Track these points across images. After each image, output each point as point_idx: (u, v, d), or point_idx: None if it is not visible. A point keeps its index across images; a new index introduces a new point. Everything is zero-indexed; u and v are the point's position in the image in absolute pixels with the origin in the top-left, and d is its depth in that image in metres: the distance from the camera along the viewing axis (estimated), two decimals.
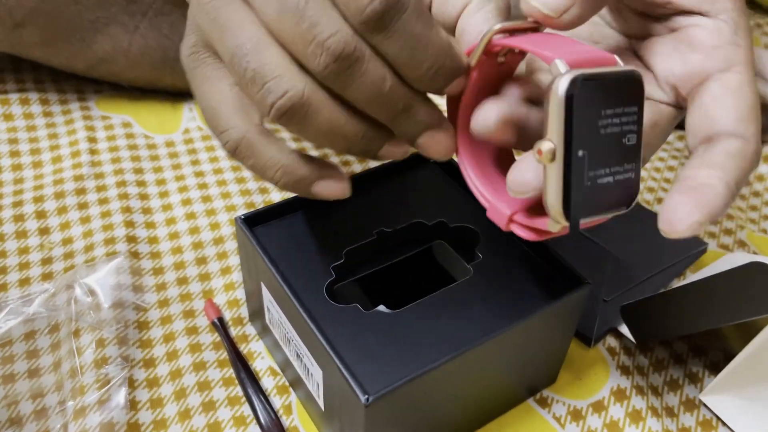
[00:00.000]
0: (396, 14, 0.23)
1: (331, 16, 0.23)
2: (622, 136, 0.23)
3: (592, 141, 0.23)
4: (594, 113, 0.22)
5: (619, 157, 0.24)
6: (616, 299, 0.40)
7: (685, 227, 0.23)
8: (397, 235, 0.35)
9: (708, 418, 0.36)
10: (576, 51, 0.23)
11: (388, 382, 0.27)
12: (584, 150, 0.23)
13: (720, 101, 0.26)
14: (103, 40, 0.49)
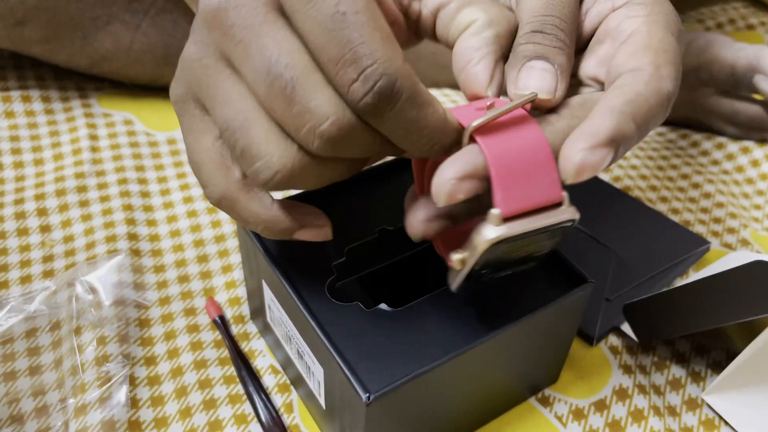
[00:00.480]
0: (390, 105, 0.22)
1: (321, 97, 0.23)
2: (534, 252, 0.26)
3: (499, 263, 0.26)
4: (508, 253, 0.25)
5: (525, 262, 0.27)
6: (619, 298, 0.40)
7: (575, 159, 0.22)
8: (399, 233, 0.35)
9: (710, 417, 0.36)
10: (527, 194, 0.23)
11: (390, 380, 0.27)
12: (488, 269, 0.26)
13: (617, 50, 0.26)
14: (104, 38, 0.49)
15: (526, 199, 0.23)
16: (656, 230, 0.45)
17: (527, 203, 0.23)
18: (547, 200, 0.23)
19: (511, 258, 0.26)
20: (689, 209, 0.49)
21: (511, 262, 0.26)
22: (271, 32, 0.23)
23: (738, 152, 0.53)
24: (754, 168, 0.52)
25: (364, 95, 0.22)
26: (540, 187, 0.23)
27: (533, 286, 0.32)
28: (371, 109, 0.22)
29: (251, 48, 0.23)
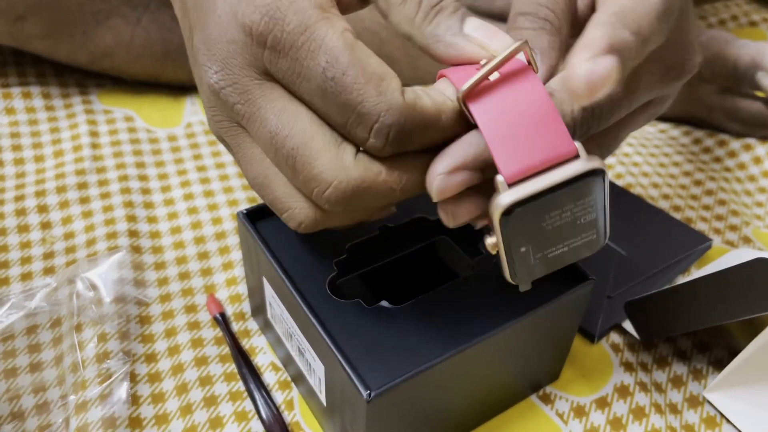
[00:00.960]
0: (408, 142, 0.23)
1: (322, 164, 0.23)
2: (576, 220, 0.23)
3: (537, 237, 0.23)
4: (536, 221, 0.23)
5: (573, 233, 0.24)
6: (621, 295, 0.40)
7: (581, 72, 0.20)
8: (399, 230, 0.35)
9: (712, 415, 0.36)
10: (531, 152, 0.22)
11: (391, 377, 0.27)
12: (527, 246, 0.23)
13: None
14: (104, 33, 0.49)
15: (530, 157, 0.22)
16: (658, 227, 0.45)
17: (533, 161, 0.22)
18: (556, 155, 0.22)
19: (548, 229, 0.23)
20: (691, 206, 0.49)
21: (554, 235, 0.24)
22: (270, 104, 0.24)
23: (740, 149, 0.53)
24: (757, 165, 0.52)
25: (382, 148, 0.23)
26: (545, 142, 0.22)
27: (534, 283, 0.31)
28: (394, 151, 0.23)
29: (253, 123, 0.25)
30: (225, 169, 0.49)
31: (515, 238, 0.23)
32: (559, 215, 0.23)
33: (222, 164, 0.49)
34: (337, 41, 0.22)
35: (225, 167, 0.49)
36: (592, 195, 0.23)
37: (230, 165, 0.49)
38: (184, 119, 0.53)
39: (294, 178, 0.25)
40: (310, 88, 0.23)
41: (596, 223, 0.24)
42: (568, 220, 0.23)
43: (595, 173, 0.22)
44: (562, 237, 0.24)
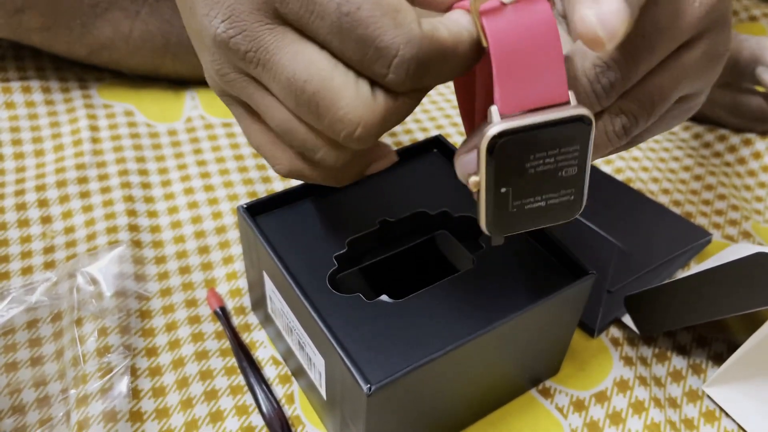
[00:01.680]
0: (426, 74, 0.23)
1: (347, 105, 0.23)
2: (557, 171, 0.24)
3: (518, 179, 0.24)
4: (519, 159, 0.23)
5: (553, 187, 0.24)
6: (620, 290, 0.40)
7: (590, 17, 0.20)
8: (400, 224, 0.35)
9: (711, 409, 0.36)
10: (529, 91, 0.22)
11: (391, 371, 0.27)
12: (507, 187, 0.24)
13: None
14: (103, 26, 0.49)
15: (527, 95, 0.22)
16: (658, 222, 0.45)
17: (528, 100, 0.23)
18: (551, 97, 0.23)
19: (531, 173, 0.24)
20: (691, 201, 0.49)
21: (534, 181, 0.24)
22: (283, 49, 0.23)
23: (740, 144, 0.53)
24: (756, 160, 0.52)
25: (402, 83, 0.22)
26: (544, 83, 0.22)
27: (534, 278, 0.32)
28: (413, 86, 0.23)
29: (268, 71, 0.24)
30: (225, 163, 0.49)
31: (498, 173, 0.24)
32: (543, 159, 0.24)
33: (222, 159, 0.49)
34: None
35: (225, 162, 0.49)
36: (576, 144, 0.23)
37: (230, 159, 0.49)
38: (184, 114, 0.53)
39: (318, 122, 0.24)
40: (324, 27, 0.22)
41: (576, 181, 0.25)
42: (550, 167, 0.24)
43: (583, 120, 0.23)
44: (542, 187, 0.25)
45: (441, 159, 0.38)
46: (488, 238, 0.31)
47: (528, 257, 0.33)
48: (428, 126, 0.54)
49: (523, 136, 0.23)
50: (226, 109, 0.54)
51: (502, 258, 0.32)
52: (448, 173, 0.37)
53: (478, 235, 0.34)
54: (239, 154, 0.50)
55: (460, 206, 0.35)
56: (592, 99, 0.24)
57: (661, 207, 0.46)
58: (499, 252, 0.33)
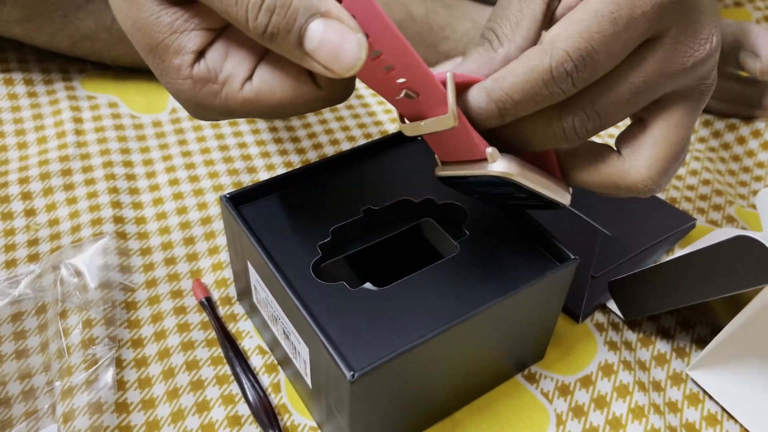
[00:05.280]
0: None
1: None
2: (511, 194, 0.29)
3: (480, 196, 0.31)
4: (467, 188, 0.30)
5: (517, 200, 0.30)
6: (605, 275, 0.40)
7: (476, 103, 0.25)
8: (384, 212, 0.35)
9: (695, 392, 0.36)
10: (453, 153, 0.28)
11: (374, 358, 0.27)
12: (480, 194, 0.31)
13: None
14: (85, 17, 0.48)
15: (455, 154, 0.28)
16: (642, 208, 0.45)
17: (456, 157, 0.28)
18: (472, 156, 0.27)
19: (489, 193, 0.30)
20: (675, 186, 0.49)
21: (498, 197, 0.30)
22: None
23: (724, 129, 0.54)
24: (740, 145, 0.52)
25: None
26: (463, 148, 0.27)
27: (518, 264, 0.32)
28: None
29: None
30: (210, 154, 0.49)
31: (461, 190, 0.31)
32: (487, 189, 0.29)
33: (207, 149, 0.49)
34: None
35: (210, 152, 0.49)
36: (507, 186, 0.27)
37: (215, 150, 0.49)
38: (168, 105, 0.53)
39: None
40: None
41: (535, 198, 0.28)
42: (501, 193, 0.29)
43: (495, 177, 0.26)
44: (507, 199, 0.30)
45: (425, 147, 0.38)
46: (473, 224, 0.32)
47: (512, 243, 0.33)
48: None
49: (454, 180, 0.29)
50: None
51: (486, 244, 0.33)
52: (432, 161, 0.37)
53: (462, 221, 0.34)
54: (224, 145, 0.49)
55: (444, 194, 0.35)
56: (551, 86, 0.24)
57: None
58: (483, 238, 0.33)
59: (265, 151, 0.49)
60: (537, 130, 0.26)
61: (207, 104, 0.26)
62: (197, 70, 0.25)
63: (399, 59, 0.24)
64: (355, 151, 0.37)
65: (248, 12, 0.23)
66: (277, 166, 0.48)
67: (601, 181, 0.28)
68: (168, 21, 0.25)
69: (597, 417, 0.35)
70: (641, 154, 0.27)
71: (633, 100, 0.26)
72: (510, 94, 0.25)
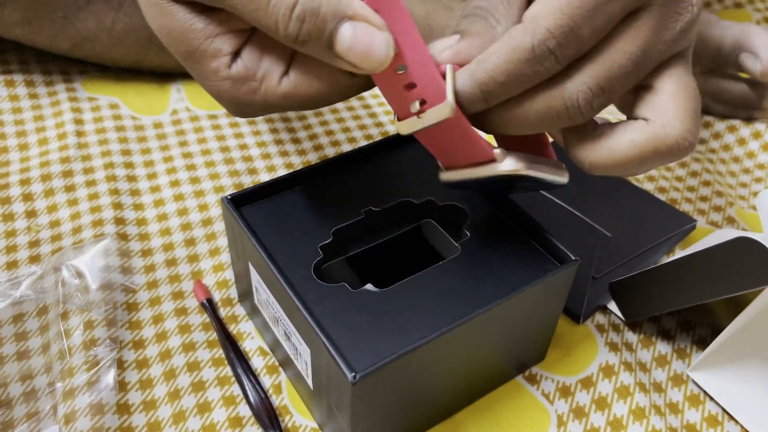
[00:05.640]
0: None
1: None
2: (516, 185, 0.30)
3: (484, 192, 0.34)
4: (478, 187, 0.31)
5: (521, 188, 0.31)
6: (606, 276, 0.40)
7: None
8: (385, 214, 0.35)
9: (696, 393, 0.36)
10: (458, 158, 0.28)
11: (375, 359, 0.27)
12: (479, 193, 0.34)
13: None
14: (86, 18, 0.48)
15: (459, 160, 0.28)
16: (643, 209, 0.45)
17: (461, 162, 0.28)
18: (479, 158, 0.27)
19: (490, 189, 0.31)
20: (676, 188, 0.49)
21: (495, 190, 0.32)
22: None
23: (725, 131, 0.54)
24: (741, 146, 0.52)
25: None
26: (469, 153, 0.27)
27: (519, 265, 0.32)
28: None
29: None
30: (211, 155, 0.49)
31: (468, 189, 0.32)
32: (493, 186, 0.29)
33: (208, 151, 0.49)
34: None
35: (211, 153, 0.49)
36: (516, 181, 0.28)
37: (216, 151, 0.49)
38: (169, 106, 0.53)
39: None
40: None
41: (540, 183, 0.29)
42: (506, 186, 0.29)
43: (504, 177, 0.27)
44: (511, 190, 0.31)
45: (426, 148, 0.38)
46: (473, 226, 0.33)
47: (513, 244, 0.33)
48: None
49: (462, 183, 0.29)
50: (211, 101, 0.53)
51: (487, 246, 0.33)
52: (433, 162, 0.37)
53: (463, 223, 0.34)
54: (225, 146, 0.50)
55: (445, 195, 0.35)
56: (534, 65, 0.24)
57: (647, 194, 0.47)
58: (483, 240, 0.33)
59: (266, 153, 0.49)
60: (540, 111, 0.26)
61: (248, 102, 0.27)
62: (235, 70, 0.26)
63: (411, 52, 0.24)
64: (356, 152, 0.37)
65: (279, 22, 0.24)
66: (278, 167, 0.48)
67: (641, 153, 0.26)
68: (201, 26, 0.26)
69: (598, 418, 0.35)
70: (668, 110, 0.26)
71: (634, 70, 0.25)
72: (493, 76, 0.24)
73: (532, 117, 0.26)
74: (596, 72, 0.25)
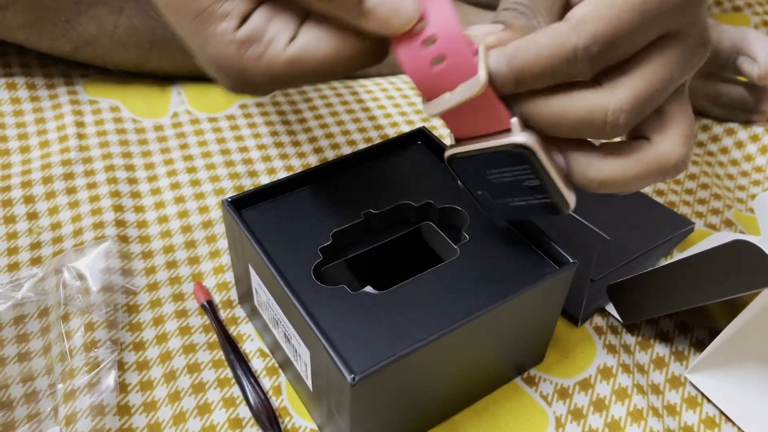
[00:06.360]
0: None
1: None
2: (521, 181, 0.28)
3: (487, 185, 0.30)
4: (477, 172, 0.29)
5: (525, 192, 0.29)
6: (604, 279, 0.40)
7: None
8: (384, 216, 0.35)
9: (693, 395, 0.36)
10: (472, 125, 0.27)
11: (375, 361, 0.27)
12: (482, 190, 0.30)
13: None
14: (87, 22, 0.49)
15: (473, 128, 0.27)
16: (641, 211, 0.45)
17: (475, 131, 0.27)
18: (494, 127, 0.27)
19: (496, 182, 0.29)
20: (674, 191, 0.49)
21: (504, 188, 0.29)
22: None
23: (723, 134, 0.54)
24: (739, 149, 0.53)
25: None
26: (485, 118, 0.26)
27: (518, 267, 0.32)
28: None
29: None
30: (211, 158, 0.49)
31: (465, 180, 0.30)
32: (499, 173, 0.29)
33: (208, 153, 0.49)
34: None
35: (211, 156, 0.49)
36: (524, 164, 0.27)
37: (217, 154, 0.49)
38: (170, 109, 0.53)
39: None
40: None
41: (545, 189, 0.28)
42: (510, 179, 0.28)
43: (517, 146, 0.26)
44: (515, 192, 0.29)
45: (425, 150, 0.38)
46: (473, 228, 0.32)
47: (511, 247, 0.33)
48: (414, 119, 0.54)
49: (468, 157, 0.28)
50: (212, 103, 0.54)
51: (486, 248, 0.33)
52: (432, 165, 0.38)
53: (462, 225, 0.34)
54: (225, 149, 0.50)
55: (444, 197, 0.35)
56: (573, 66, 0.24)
57: (645, 196, 0.47)
58: (482, 242, 0.33)
59: (266, 155, 0.49)
60: (580, 116, 0.26)
61: (250, 68, 0.26)
62: (241, 33, 0.26)
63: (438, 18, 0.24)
64: (355, 155, 0.37)
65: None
66: (278, 169, 0.48)
67: (648, 171, 0.27)
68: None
69: (596, 420, 0.35)
70: (671, 133, 0.27)
71: (663, 94, 0.26)
72: (531, 65, 0.24)
73: (569, 118, 0.26)
74: (637, 91, 0.25)
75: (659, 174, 0.27)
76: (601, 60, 0.24)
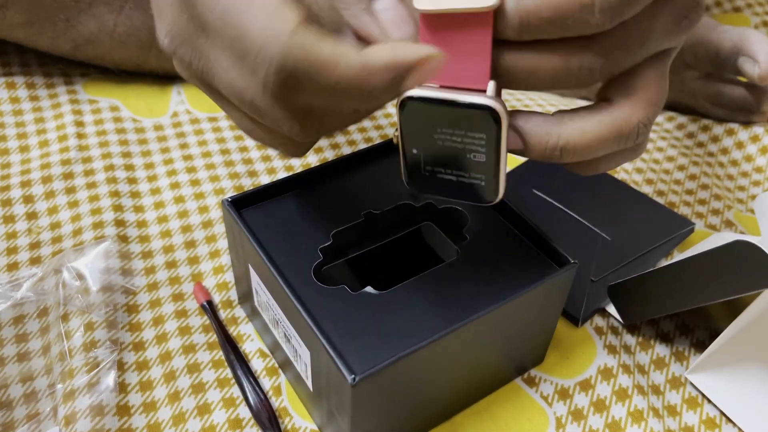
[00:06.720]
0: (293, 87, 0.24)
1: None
2: (466, 152, 0.26)
3: (427, 146, 0.27)
4: (426, 125, 0.26)
5: (463, 166, 0.27)
6: (605, 279, 0.40)
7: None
8: (385, 216, 0.35)
9: (693, 395, 0.36)
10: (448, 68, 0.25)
11: (375, 362, 0.27)
12: (418, 149, 0.27)
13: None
14: (87, 21, 0.49)
15: (447, 72, 0.25)
16: (642, 212, 0.45)
17: (447, 77, 0.25)
18: (468, 82, 0.25)
19: (439, 144, 0.27)
20: (674, 191, 0.49)
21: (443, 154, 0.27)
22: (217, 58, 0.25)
23: (723, 134, 0.54)
24: (739, 150, 0.53)
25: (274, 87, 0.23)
26: (466, 66, 0.25)
27: (518, 268, 0.32)
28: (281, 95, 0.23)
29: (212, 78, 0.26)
30: (211, 158, 0.49)
31: (407, 131, 0.27)
32: (449, 135, 0.26)
33: (208, 153, 0.49)
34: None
35: (211, 156, 0.49)
36: (482, 133, 0.25)
37: (216, 154, 0.49)
38: (170, 109, 0.53)
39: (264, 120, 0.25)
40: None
41: (486, 169, 0.26)
42: (458, 147, 0.26)
43: (488, 111, 0.24)
44: (452, 163, 0.27)
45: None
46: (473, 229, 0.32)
47: (512, 248, 0.33)
48: None
49: (429, 105, 0.25)
50: (212, 103, 0.54)
51: (486, 249, 0.33)
52: None
53: (462, 226, 0.34)
54: (225, 149, 0.50)
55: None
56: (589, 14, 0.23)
57: (645, 197, 0.47)
58: (483, 243, 0.33)
59: (266, 155, 0.49)
60: (552, 63, 0.24)
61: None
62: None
63: None
64: (355, 155, 0.37)
65: None
66: (278, 169, 0.48)
67: (606, 133, 0.26)
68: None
69: (596, 420, 0.35)
70: (635, 96, 0.26)
71: (643, 52, 0.25)
72: (540, 8, 0.23)
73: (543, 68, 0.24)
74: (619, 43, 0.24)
75: (619, 137, 0.26)
76: (619, 14, 0.23)
